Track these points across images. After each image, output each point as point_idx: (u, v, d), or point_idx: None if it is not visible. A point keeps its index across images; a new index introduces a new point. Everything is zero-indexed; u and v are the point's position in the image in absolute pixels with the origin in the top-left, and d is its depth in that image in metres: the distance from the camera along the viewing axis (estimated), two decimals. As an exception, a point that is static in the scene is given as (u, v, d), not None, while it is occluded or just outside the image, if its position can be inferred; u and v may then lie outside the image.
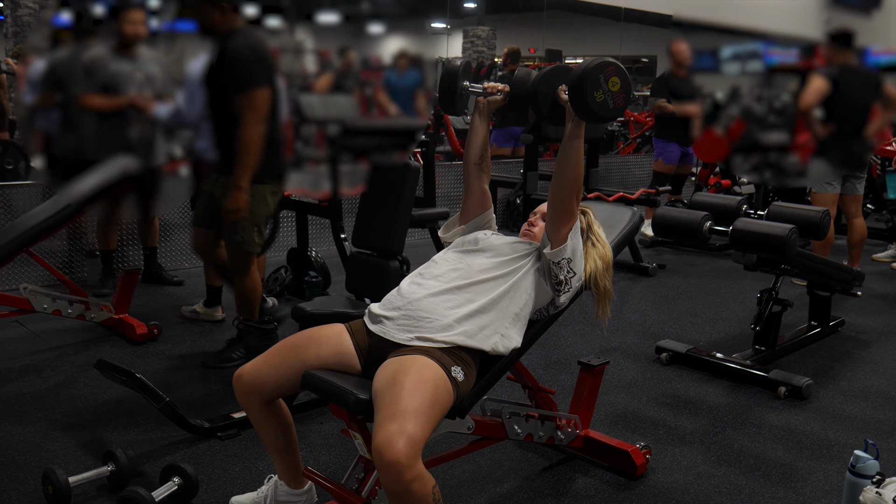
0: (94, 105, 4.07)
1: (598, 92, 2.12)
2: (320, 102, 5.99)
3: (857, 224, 5.21)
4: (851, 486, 2.29)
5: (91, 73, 4.10)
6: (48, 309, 3.74)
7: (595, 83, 2.11)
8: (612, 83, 2.13)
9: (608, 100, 2.13)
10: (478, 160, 2.55)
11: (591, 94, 2.11)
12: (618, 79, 2.14)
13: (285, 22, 7.20)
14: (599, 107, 2.13)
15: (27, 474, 2.60)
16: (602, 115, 2.15)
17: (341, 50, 6.28)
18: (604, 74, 2.12)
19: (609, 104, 2.14)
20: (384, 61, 9.73)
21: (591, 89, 2.11)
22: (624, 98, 2.15)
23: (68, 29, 4.37)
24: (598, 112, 2.13)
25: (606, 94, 2.13)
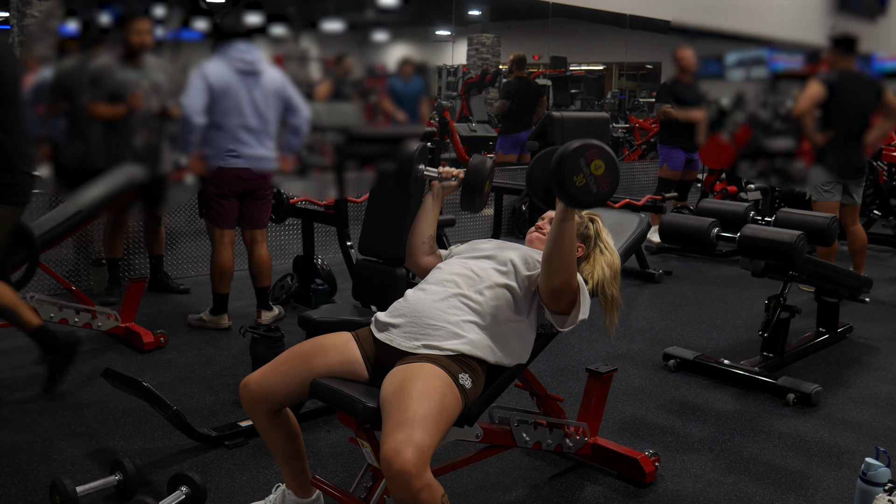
0: (100, 113, 4.09)
1: (578, 176, 1.96)
2: (325, 110, 5.99)
3: (855, 232, 5.20)
4: (863, 494, 2.28)
5: (97, 81, 4.11)
6: (55, 318, 3.74)
7: (575, 167, 1.96)
8: (595, 166, 1.97)
9: (590, 184, 1.97)
10: (426, 239, 2.51)
11: (571, 178, 1.96)
12: (601, 161, 1.98)
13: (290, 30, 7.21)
14: (581, 192, 1.97)
15: (34, 484, 2.59)
16: (584, 200, 1.99)
17: (338, 57, 6.29)
18: (584, 157, 1.97)
19: (592, 188, 1.98)
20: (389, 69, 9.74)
21: (570, 173, 1.96)
22: (610, 182, 1.99)
23: (74, 38, 4.38)
24: (579, 197, 1.98)
25: (588, 177, 1.97)
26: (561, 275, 2.12)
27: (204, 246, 5.34)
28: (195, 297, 4.91)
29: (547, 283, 2.16)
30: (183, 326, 4.31)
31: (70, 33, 4.46)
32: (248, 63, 3.97)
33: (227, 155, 4.01)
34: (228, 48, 3.96)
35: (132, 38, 4.06)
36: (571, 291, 2.17)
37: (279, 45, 5.99)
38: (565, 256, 2.10)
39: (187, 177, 4.29)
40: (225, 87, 3.92)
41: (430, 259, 2.51)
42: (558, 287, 2.14)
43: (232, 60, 3.94)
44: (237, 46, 3.97)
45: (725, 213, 3.81)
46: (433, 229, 2.53)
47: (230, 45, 3.97)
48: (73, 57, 4.22)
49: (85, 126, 4.12)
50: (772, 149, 5.80)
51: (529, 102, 8.01)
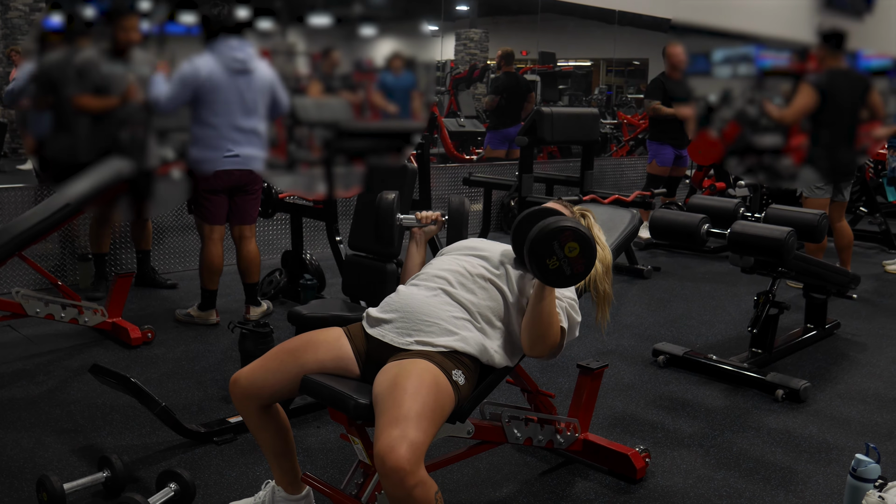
0: (87, 106, 4.05)
1: (551, 259, 1.96)
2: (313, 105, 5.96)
3: (841, 228, 5.23)
4: (853, 489, 2.29)
5: (83, 74, 4.07)
6: (41, 313, 3.71)
7: (548, 250, 1.95)
8: (570, 249, 1.96)
9: (564, 266, 1.97)
10: None
11: (544, 261, 1.96)
12: (576, 244, 1.96)
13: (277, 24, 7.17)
14: (554, 274, 1.98)
15: (21, 481, 2.57)
16: (558, 281, 2.00)
17: (325, 51, 6.26)
18: (558, 241, 1.95)
19: (565, 271, 1.97)
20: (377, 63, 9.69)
21: (543, 257, 1.96)
22: (584, 263, 1.98)
23: (59, 32, 4.33)
24: (552, 279, 1.99)
25: (562, 260, 1.96)
26: (538, 348, 2.17)
27: (191, 241, 5.31)
28: (182, 292, 4.88)
29: (529, 349, 2.19)
30: (171, 322, 4.28)
31: (54, 27, 4.41)
32: (241, 62, 3.94)
33: (216, 151, 3.98)
34: (220, 45, 3.93)
35: (119, 35, 4.02)
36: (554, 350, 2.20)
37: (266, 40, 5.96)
38: (544, 330, 2.13)
39: (175, 172, 4.26)
40: (214, 85, 3.89)
41: None
42: (539, 354, 2.19)
43: (223, 58, 3.91)
44: (229, 44, 3.93)
45: (715, 209, 3.81)
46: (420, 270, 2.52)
47: (222, 42, 3.93)
48: (59, 50, 4.18)
49: (71, 119, 4.08)
50: (760, 146, 5.81)
51: (518, 98, 8.00)
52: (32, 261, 3.85)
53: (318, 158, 5.18)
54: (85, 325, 3.87)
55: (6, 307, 3.64)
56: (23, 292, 3.69)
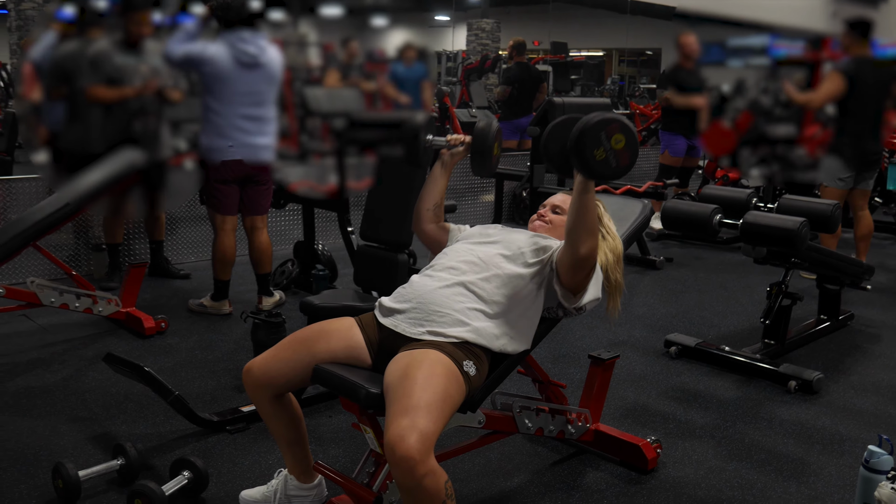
0: (100, 97, 4.06)
1: (598, 150, 1.99)
2: (325, 95, 5.96)
3: (863, 217, 5.19)
4: (866, 481, 2.28)
5: (96, 65, 4.08)
6: (55, 303, 3.73)
7: (595, 141, 1.98)
8: (616, 140, 1.99)
9: (610, 158, 2.00)
10: (431, 207, 2.51)
11: (591, 151, 1.99)
12: (622, 136, 2.00)
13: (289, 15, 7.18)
14: (601, 165, 2.00)
15: (37, 468, 2.59)
16: (604, 173, 2.03)
17: (344, 40, 6.24)
18: (606, 132, 1.99)
19: (612, 162, 2.01)
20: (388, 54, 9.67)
21: (591, 147, 1.99)
22: (629, 156, 2.02)
23: (72, 23, 4.35)
24: (598, 170, 2.02)
25: (608, 151, 1.99)
26: (588, 242, 2.12)
27: (204, 231, 5.33)
28: (195, 283, 4.90)
29: (571, 255, 2.15)
30: (184, 312, 4.31)
31: (67, 17, 4.42)
32: (251, 56, 3.94)
33: (227, 142, 3.99)
34: (231, 36, 3.93)
35: (132, 28, 4.03)
36: (593, 259, 2.17)
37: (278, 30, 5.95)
38: (589, 224, 2.11)
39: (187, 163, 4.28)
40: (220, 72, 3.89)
41: (435, 228, 2.52)
42: (585, 255, 2.13)
43: (234, 51, 3.91)
44: (240, 36, 3.93)
45: (728, 199, 3.79)
46: (440, 198, 2.53)
47: (233, 34, 3.93)
48: (72, 41, 4.20)
49: (84, 110, 4.10)
50: (774, 136, 5.77)
51: (530, 88, 7.97)
52: (47, 251, 3.88)
53: (330, 149, 5.19)
54: (99, 314, 3.90)
55: (21, 297, 3.67)
56: (38, 282, 3.71)
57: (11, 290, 3.65)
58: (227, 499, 2.44)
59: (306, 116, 5.54)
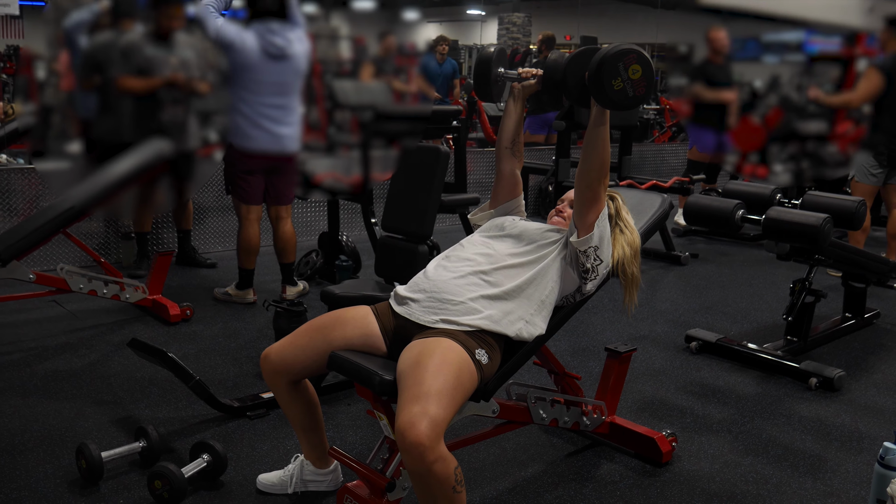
0: (131, 87, 4.13)
1: (616, 80, 2.04)
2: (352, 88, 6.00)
3: None
4: (880, 477, 2.26)
5: (127, 56, 4.15)
6: (84, 289, 3.81)
7: (613, 71, 2.03)
8: (633, 71, 2.04)
9: (627, 88, 2.05)
10: (510, 143, 2.55)
11: (609, 81, 2.04)
12: (639, 66, 2.05)
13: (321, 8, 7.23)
14: (618, 95, 2.06)
15: (62, 449, 2.66)
16: (621, 102, 2.07)
17: (381, 34, 6.28)
18: (623, 62, 2.03)
19: (629, 92, 2.06)
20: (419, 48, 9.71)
21: (609, 77, 2.03)
22: (646, 86, 2.07)
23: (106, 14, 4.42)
24: (616, 100, 2.07)
25: (626, 82, 2.04)
26: (598, 173, 2.19)
27: (231, 221, 5.40)
28: (222, 272, 4.97)
29: (583, 188, 2.21)
30: (209, 300, 4.37)
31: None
32: (279, 48, 3.98)
33: (253, 131, 4.04)
34: (261, 27, 3.97)
35: (163, 21, 4.10)
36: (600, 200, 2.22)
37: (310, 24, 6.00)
38: (601, 156, 2.18)
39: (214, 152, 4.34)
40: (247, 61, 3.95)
41: (513, 163, 2.56)
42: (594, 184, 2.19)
43: (263, 41, 3.95)
44: (270, 27, 3.97)
45: (752, 195, 3.77)
46: (516, 132, 2.56)
47: (263, 25, 3.98)
48: (105, 32, 4.27)
49: (115, 101, 4.18)
50: (804, 132, 5.71)
51: (558, 83, 7.95)
52: (77, 238, 3.96)
53: (355, 141, 5.23)
54: (126, 301, 3.97)
55: (51, 283, 3.75)
56: (67, 268, 3.79)
57: (42, 275, 3.73)
58: (245, 482, 2.49)
59: (335, 109, 5.59)
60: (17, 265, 3.60)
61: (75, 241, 3.95)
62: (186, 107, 4.19)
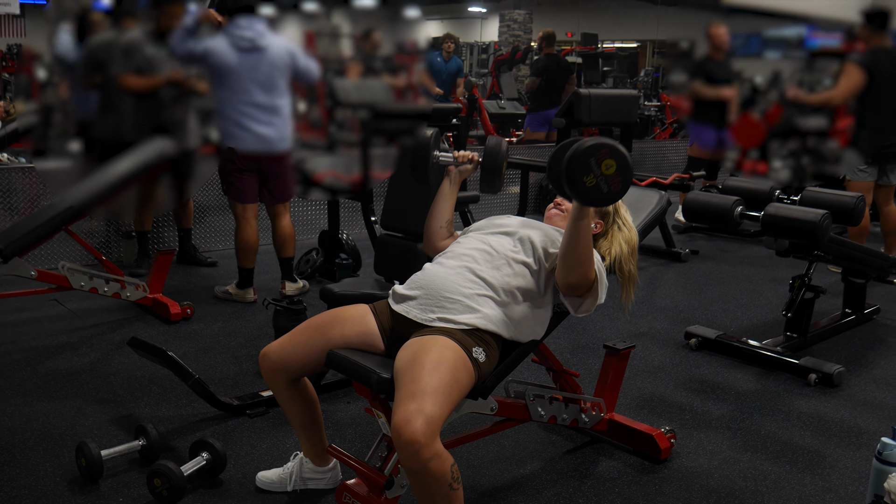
0: (132, 86, 4.15)
1: (588, 176, 1.95)
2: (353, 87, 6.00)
3: (889, 213, 5.12)
4: (878, 473, 2.26)
5: (128, 55, 4.16)
6: (85, 287, 3.82)
7: (585, 167, 1.94)
8: (606, 166, 1.95)
9: (601, 184, 1.95)
10: (444, 224, 2.53)
11: (581, 178, 1.95)
12: (612, 161, 1.95)
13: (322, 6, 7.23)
14: (591, 192, 1.96)
15: (61, 447, 2.67)
16: (595, 200, 1.99)
17: (366, 32, 6.28)
18: (595, 157, 1.94)
19: (602, 188, 1.96)
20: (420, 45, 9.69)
21: (580, 173, 1.95)
22: (621, 181, 1.97)
23: (108, 13, 4.44)
24: (590, 197, 1.98)
25: (599, 177, 1.95)
26: (578, 270, 2.13)
27: (231, 220, 5.40)
28: (222, 270, 4.98)
29: (563, 278, 2.17)
30: (209, 298, 4.38)
31: (103, 8, 4.51)
32: (248, 41, 3.99)
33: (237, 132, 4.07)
34: (228, 26, 4.01)
35: (163, 21, 4.11)
36: (588, 283, 2.18)
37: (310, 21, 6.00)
38: (581, 253, 2.10)
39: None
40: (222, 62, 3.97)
41: (446, 241, 2.52)
42: (574, 283, 2.16)
43: (233, 38, 3.98)
44: (236, 23, 3.99)
45: (751, 191, 3.77)
46: (450, 214, 2.54)
47: (231, 23, 4.01)
48: (105, 31, 4.28)
49: (116, 99, 4.19)
50: (804, 128, 5.70)
51: (559, 80, 7.95)
52: (79, 236, 3.97)
53: (356, 140, 5.23)
54: (127, 299, 3.98)
55: (53, 280, 3.76)
56: (69, 266, 3.80)
57: (43, 272, 3.74)
58: (245, 480, 2.50)
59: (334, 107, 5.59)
60: (19, 262, 3.61)
61: (77, 239, 3.96)
62: (186, 106, 4.20)
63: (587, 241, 2.09)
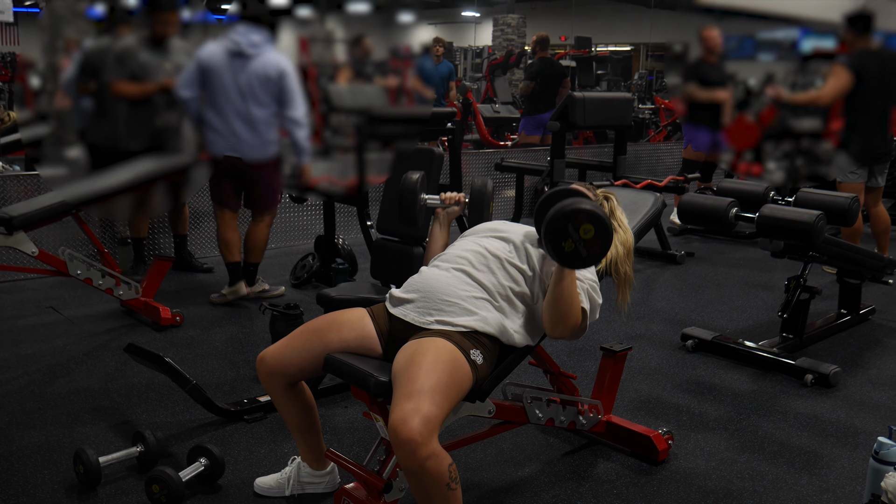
0: (126, 92, 4.16)
1: (566, 241, 1.97)
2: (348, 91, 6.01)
3: (878, 214, 5.14)
4: (874, 472, 2.27)
5: (122, 61, 4.17)
6: (81, 275, 3.83)
7: (562, 232, 1.96)
8: (584, 231, 1.96)
9: (580, 248, 1.97)
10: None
11: (559, 243, 1.97)
12: (591, 226, 1.96)
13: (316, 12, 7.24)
14: (570, 256, 1.99)
15: (59, 454, 2.66)
16: (574, 263, 2.01)
17: (356, 38, 6.29)
18: (573, 223, 1.96)
19: (581, 253, 1.97)
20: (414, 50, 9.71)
21: (558, 238, 1.97)
22: (600, 244, 1.97)
23: (101, 20, 4.45)
24: (570, 261, 2.00)
25: (577, 242, 1.96)
26: (559, 328, 2.16)
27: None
28: (218, 276, 4.98)
29: (550, 330, 2.19)
30: (205, 304, 4.38)
31: (97, 16, 4.53)
32: (236, 44, 4.03)
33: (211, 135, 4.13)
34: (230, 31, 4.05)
35: (157, 28, 4.13)
36: (566, 337, 2.21)
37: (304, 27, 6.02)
38: (565, 311, 2.13)
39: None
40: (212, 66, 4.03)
41: None
42: (559, 335, 2.19)
43: (227, 41, 4.03)
44: (237, 28, 4.03)
45: (745, 192, 3.78)
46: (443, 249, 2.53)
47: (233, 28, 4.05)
48: (101, 38, 4.29)
49: (110, 106, 4.20)
50: (798, 130, 5.73)
51: (552, 83, 7.97)
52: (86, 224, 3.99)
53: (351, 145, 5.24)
54: (118, 297, 3.98)
55: (52, 262, 3.80)
56: (69, 252, 3.81)
57: (44, 253, 3.76)
58: (243, 486, 2.49)
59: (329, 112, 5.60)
60: (23, 237, 3.64)
61: (84, 227, 4.04)
62: (181, 112, 4.21)
63: (570, 298, 2.12)
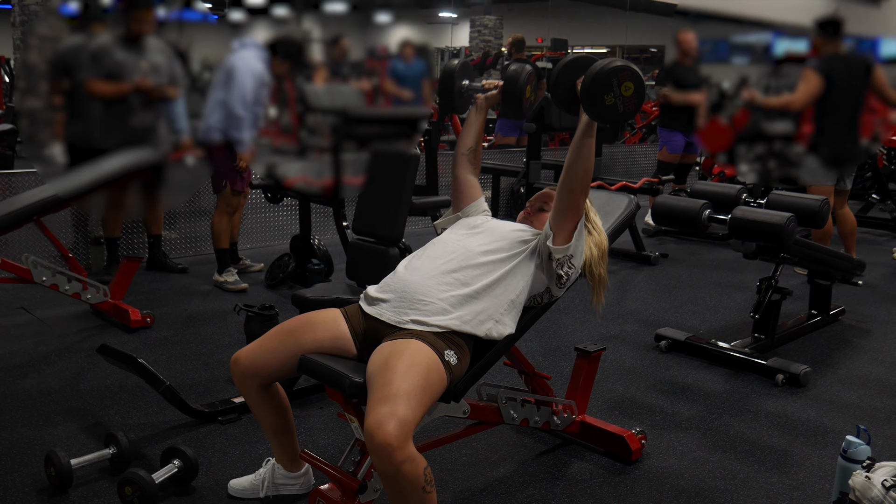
0: (101, 91, 4.12)
1: (608, 95, 2.09)
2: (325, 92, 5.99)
3: (843, 216, 5.21)
4: (843, 470, 2.31)
5: (97, 60, 4.13)
6: (47, 282, 3.78)
7: (607, 87, 2.09)
8: (626, 88, 2.10)
9: (618, 104, 2.10)
10: (467, 151, 2.60)
11: (602, 96, 2.09)
12: (632, 84, 2.10)
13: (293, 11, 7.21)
14: (608, 110, 2.11)
15: (30, 457, 2.64)
16: (610, 118, 2.13)
17: (334, 38, 6.28)
18: (617, 78, 2.09)
19: (619, 108, 2.11)
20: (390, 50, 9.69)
21: (602, 91, 2.09)
22: (635, 103, 2.12)
23: (74, 17, 4.40)
24: (606, 115, 2.12)
25: (617, 98, 2.10)
26: (581, 183, 2.22)
27: (202, 226, 5.38)
28: (193, 277, 4.95)
29: (564, 196, 2.23)
30: (179, 304, 4.35)
31: (70, 13, 4.47)
32: None
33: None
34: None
35: (133, 25, 4.09)
36: (579, 209, 2.26)
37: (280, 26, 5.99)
38: (585, 166, 2.21)
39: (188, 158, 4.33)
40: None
41: (470, 177, 2.61)
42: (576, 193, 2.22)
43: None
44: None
45: (718, 195, 3.81)
46: (475, 141, 2.62)
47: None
48: (74, 36, 4.24)
49: (84, 105, 4.15)
50: (770, 132, 5.79)
51: (529, 85, 7.99)
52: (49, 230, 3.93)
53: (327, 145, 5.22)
54: (87, 301, 3.94)
55: (16, 270, 3.74)
56: (33, 258, 3.76)
57: (6, 262, 3.70)
58: (217, 487, 2.48)
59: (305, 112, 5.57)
60: None
61: (47, 233, 3.94)
62: (156, 112, 4.18)
63: (591, 154, 2.21)
